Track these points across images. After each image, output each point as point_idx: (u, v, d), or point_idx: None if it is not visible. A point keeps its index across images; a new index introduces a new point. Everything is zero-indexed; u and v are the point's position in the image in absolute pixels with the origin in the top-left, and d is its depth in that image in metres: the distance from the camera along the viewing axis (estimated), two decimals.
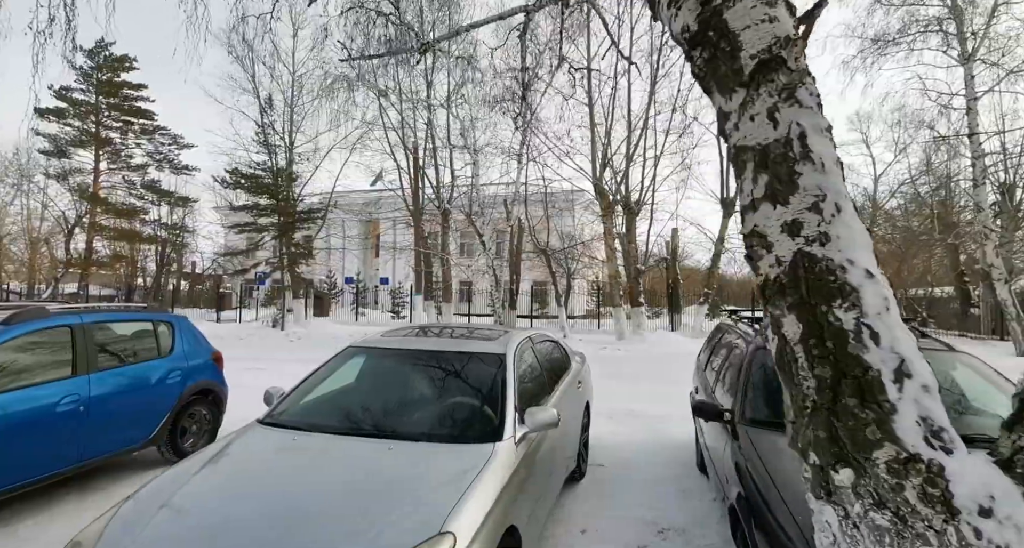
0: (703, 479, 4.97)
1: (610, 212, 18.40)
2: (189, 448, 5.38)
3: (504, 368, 3.35)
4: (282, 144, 22.90)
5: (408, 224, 26.01)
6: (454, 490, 2.28)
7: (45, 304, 5.00)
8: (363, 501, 2.26)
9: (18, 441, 3.86)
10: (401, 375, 3.48)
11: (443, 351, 3.62)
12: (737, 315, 5.42)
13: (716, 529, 3.88)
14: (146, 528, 2.15)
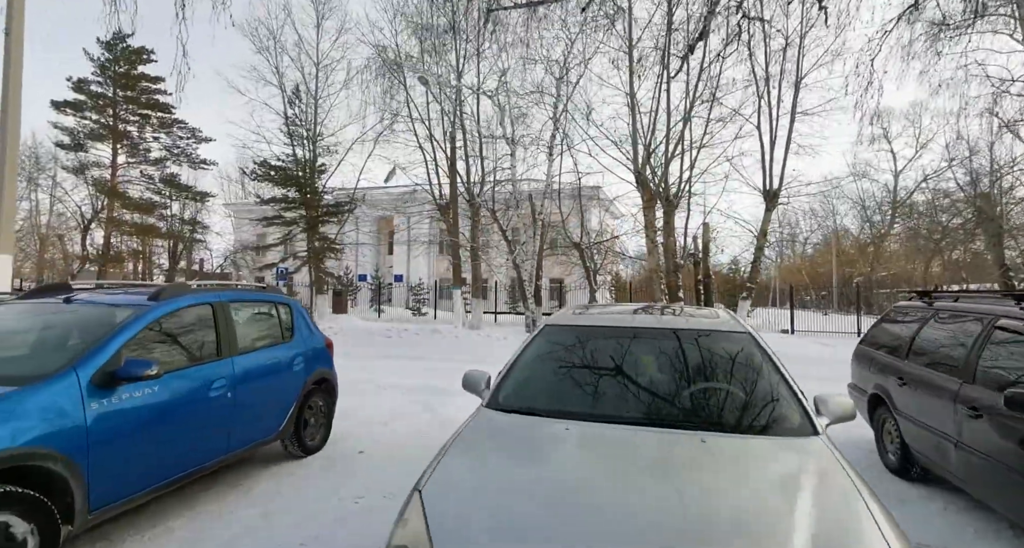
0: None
1: (652, 204, 17.98)
2: (310, 442, 4.97)
3: (761, 347, 2.93)
4: (308, 136, 22.46)
5: (434, 219, 25.61)
6: (850, 498, 1.90)
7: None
8: (766, 503, 1.90)
9: (177, 427, 3.45)
10: (633, 356, 3.04)
11: (677, 329, 3.16)
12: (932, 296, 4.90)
13: None
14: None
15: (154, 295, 3.66)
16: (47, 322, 3.54)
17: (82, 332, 3.31)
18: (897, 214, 36.43)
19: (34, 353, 3.30)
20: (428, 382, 8.25)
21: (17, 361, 3.18)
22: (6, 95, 8.47)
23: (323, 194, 21.87)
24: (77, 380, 2.89)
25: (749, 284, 18.62)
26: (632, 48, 18.03)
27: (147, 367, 3.06)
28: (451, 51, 20.40)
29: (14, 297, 5.27)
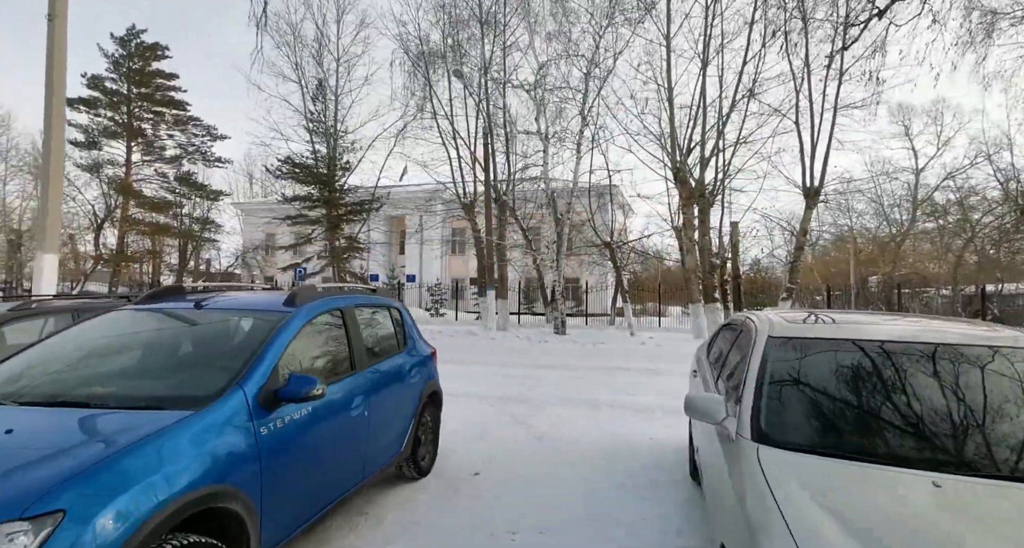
0: None
1: (691, 202, 17.48)
2: (423, 462, 4.47)
3: None
4: (330, 133, 21.98)
5: (457, 217, 25.09)
6: None
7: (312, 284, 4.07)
8: None
9: (328, 452, 2.98)
10: (926, 380, 2.43)
11: (972, 345, 2.53)
12: None
13: None
14: None
15: (289, 300, 3.17)
16: (186, 332, 3.07)
17: (230, 344, 2.84)
18: (921, 212, 35.88)
19: (186, 369, 2.83)
20: (503, 391, 7.76)
21: (171, 379, 2.71)
22: (51, 89, 7.99)
23: (347, 192, 21.35)
24: (245, 401, 2.41)
25: (790, 284, 18.10)
26: (669, 39, 17.54)
27: (313, 385, 2.57)
28: (478, 45, 19.95)
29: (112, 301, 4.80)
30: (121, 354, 2.94)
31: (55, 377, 2.68)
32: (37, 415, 2.24)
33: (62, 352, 2.90)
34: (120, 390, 2.53)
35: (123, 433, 2.00)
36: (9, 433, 2.02)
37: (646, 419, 6.33)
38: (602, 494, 4.07)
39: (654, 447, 5.26)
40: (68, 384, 2.59)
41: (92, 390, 2.52)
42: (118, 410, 2.26)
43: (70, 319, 4.61)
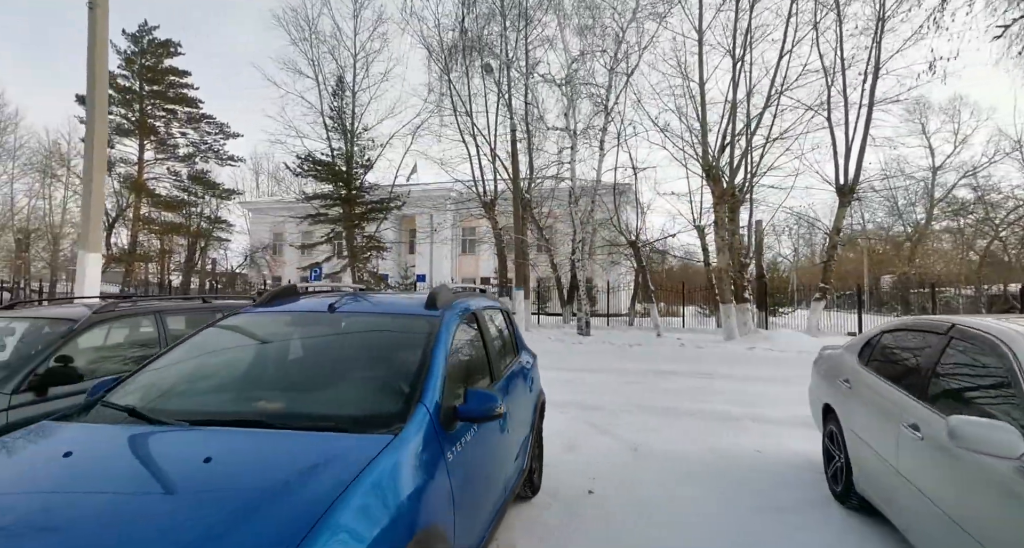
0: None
1: (723, 200, 17.07)
2: (536, 480, 4.07)
3: None
4: (348, 129, 21.57)
5: (470, 216, 24.70)
6: None
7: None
8: None
9: (488, 475, 2.62)
10: None
11: None
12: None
13: None
14: None
15: (430, 303, 2.77)
16: (332, 340, 2.71)
17: (387, 353, 2.48)
18: (940, 211, 35.45)
19: (352, 382, 2.44)
20: (565, 396, 7.34)
21: (341, 395, 2.33)
22: (92, 82, 7.61)
23: (366, 191, 20.93)
24: (431, 422, 2.03)
25: (823, 284, 17.65)
26: (702, 33, 17.12)
27: (495, 402, 2.19)
28: (499, 41, 19.55)
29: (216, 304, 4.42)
30: (271, 364, 2.58)
31: (213, 391, 2.37)
32: (224, 437, 1.87)
33: (208, 362, 2.58)
34: (290, 407, 2.17)
35: (333, 464, 1.64)
36: (208, 462, 1.64)
37: (738, 430, 5.91)
38: (743, 519, 3.65)
39: (766, 462, 4.83)
40: (232, 399, 2.28)
41: (260, 406, 2.17)
42: (305, 432, 1.89)
43: (154, 322, 4.23)
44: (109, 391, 2.34)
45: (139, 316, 4.22)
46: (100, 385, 2.47)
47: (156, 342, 4.22)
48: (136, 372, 2.49)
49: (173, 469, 1.69)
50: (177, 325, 4.51)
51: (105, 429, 1.99)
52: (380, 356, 2.49)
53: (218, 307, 5.08)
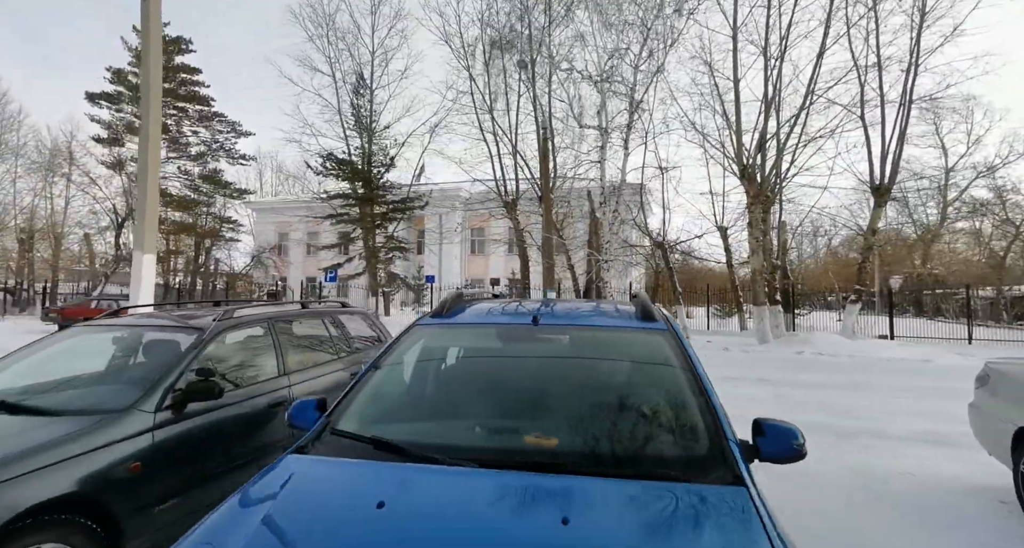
0: None
1: (758, 200, 16.75)
2: None
3: None
4: (369, 127, 21.14)
5: (477, 216, 24.32)
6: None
7: None
8: None
9: None
10: None
11: None
12: None
13: None
14: None
15: (645, 313, 2.43)
16: (565, 361, 2.33)
17: (641, 377, 2.15)
18: (955, 211, 35.24)
19: (622, 416, 2.04)
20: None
21: (622, 433, 1.94)
22: (147, 81, 7.20)
23: (388, 190, 20.51)
24: (746, 465, 1.71)
25: (858, 286, 17.33)
26: (736, 30, 16.78)
27: (796, 437, 1.82)
28: (524, 38, 19.18)
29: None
30: (510, 389, 2.20)
31: (459, 419, 2.06)
32: (554, 487, 1.54)
33: (425, 383, 2.28)
34: (585, 445, 1.86)
35: (727, 521, 1.38)
36: (567, 525, 1.33)
37: (860, 446, 5.39)
38: None
39: (929, 488, 4.25)
40: (497, 433, 1.97)
41: (548, 444, 1.84)
42: (643, 481, 1.58)
43: (267, 329, 3.84)
44: (330, 415, 2.00)
45: (254, 324, 3.82)
46: (301, 407, 2.15)
47: (271, 350, 3.83)
48: (348, 393, 2.13)
49: (535, 537, 1.31)
50: (287, 332, 4.12)
51: (388, 470, 1.66)
52: (636, 380, 2.14)
53: (320, 312, 4.71)
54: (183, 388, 2.93)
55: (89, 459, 2.44)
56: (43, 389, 3.11)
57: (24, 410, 2.70)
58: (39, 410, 2.70)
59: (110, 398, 2.90)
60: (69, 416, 2.63)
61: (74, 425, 2.54)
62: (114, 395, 2.95)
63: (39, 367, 3.35)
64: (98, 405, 2.78)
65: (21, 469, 2.21)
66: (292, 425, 2.12)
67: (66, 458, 2.37)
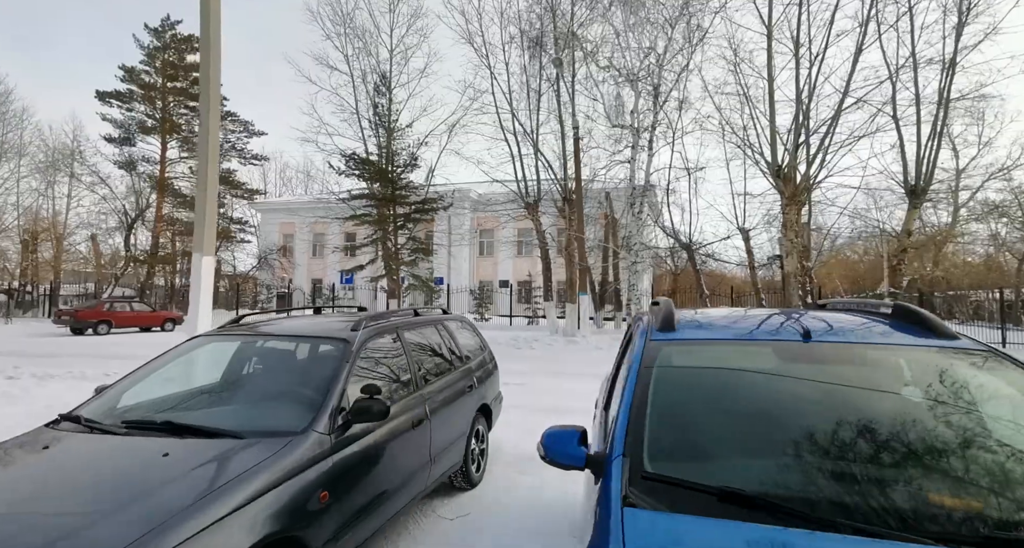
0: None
1: (794, 201, 16.46)
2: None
3: None
4: (390, 127, 20.77)
5: (486, 217, 23.97)
6: None
7: None
8: None
9: None
10: None
11: None
12: None
13: None
14: None
15: (927, 325, 2.12)
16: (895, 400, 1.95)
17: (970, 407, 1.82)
18: (967, 212, 34.98)
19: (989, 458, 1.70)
20: None
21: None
22: (206, 77, 6.85)
23: (412, 190, 20.11)
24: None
25: (892, 288, 17.10)
26: (771, 27, 16.51)
27: None
28: (549, 35, 18.86)
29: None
30: (843, 424, 1.81)
31: (800, 458, 1.68)
32: None
33: (726, 410, 1.91)
34: None
35: None
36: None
37: None
38: None
39: None
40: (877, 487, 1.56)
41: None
42: None
43: (396, 338, 3.51)
44: (627, 453, 1.63)
45: (386, 333, 3.47)
46: (560, 439, 1.78)
47: (403, 363, 3.49)
48: (629, 422, 1.76)
49: None
50: (413, 342, 3.78)
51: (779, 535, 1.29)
52: (985, 420, 1.76)
53: (433, 319, 4.37)
54: (349, 407, 2.61)
55: (283, 491, 2.11)
56: (195, 405, 2.77)
57: (191, 431, 2.36)
58: (208, 431, 2.36)
59: (280, 418, 2.56)
60: (246, 439, 2.29)
61: (259, 451, 2.21)
62: (282, 414, 2.61)
63: (175, 380, 3.02)
64: (272, 426, 2.44)
65: (220, 510, 1.86)
66: (552, 460, 1.78)
67: (262, 491, 2.03)
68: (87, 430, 2.45)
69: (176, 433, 2.34)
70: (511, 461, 4.93)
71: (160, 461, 2.11)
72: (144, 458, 2.16)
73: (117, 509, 1.78)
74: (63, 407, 6.25)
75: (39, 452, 2.28)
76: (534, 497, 4.09)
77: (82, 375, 8.40)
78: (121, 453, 2.24)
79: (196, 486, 1.92)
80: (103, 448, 2.29)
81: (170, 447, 2.21)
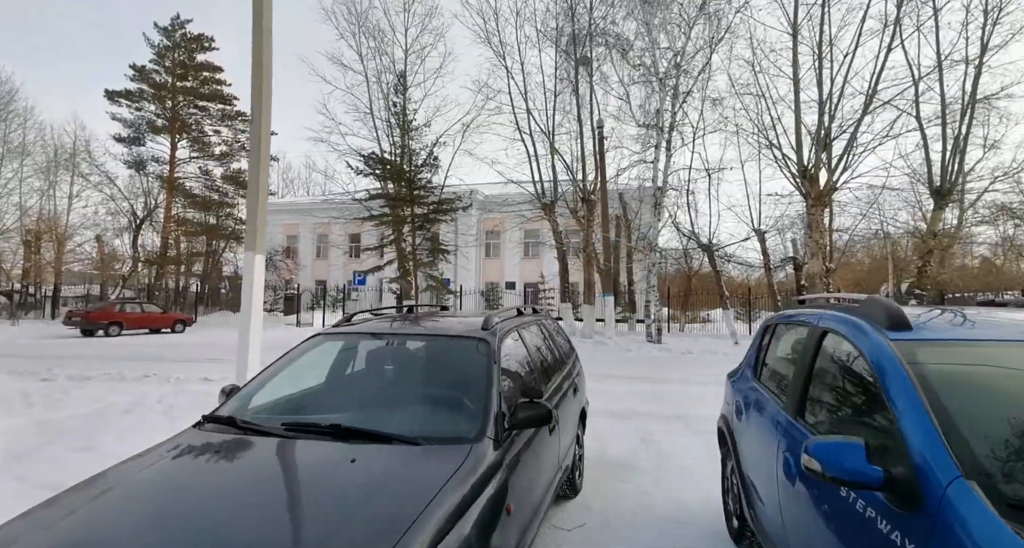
0: None
1: (820, 202, 16.31)
2: None
3: None
4: (406, 126, 20.55)
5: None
6: None
7: None
8: None
9: None
10: None
11: None
12: None
13: None
14: None
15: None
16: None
17: None
18: (975, 213, 34.94)
19: None
20: None
21: None
22: (258, 73, 6.62)
23: (432, 190, 19.87)
24: None
25: (919, 290, 16.94)
26: (796, 27, 16.37)
27: None
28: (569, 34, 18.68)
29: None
30: None
31: None
32: None
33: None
34: None
35: None
36: None
37: None
38: None
39: None
40: None
41: None
42: None
43: (517, 339, 3.29)
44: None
45: (512, 332, 3.25)
46: (843, 451, 1.55)
47: (526, 364, 3.27)
48: (976, 430, 1.52)
49: None
50: (530, 342, 3.56)
51: None
52: None
53: (536, 319, 4.15)
54: (513, 412, 2.38)
55: (481, 502, 1.90)
56: (343, 406, 2.55)
57: (360, 435, 2.14)
58: (380, 436, 2.14)
59: (447, 423, 2.34)
60: (422, 446, 2.08)
61: (443, 459, 1.99)
62: (447, 419, 2.39)
63: (305, 379, 2.80)
64: (443, 432, 2.23)
65: (441, 522, 1.65)
66: (837, 478, 1.54)
67: (467, 503, 1.82)
68: (239, 432, 2.24)
69: (340, 437, 2.12)
70: (601, 467, 4.72)
71: (352, 468, 1.90)
72: (335, 464, 1.95)
73: (345, 517, 1.59)
74: (110, 408, 5.98)
75: (222, 456, 2.08)
76: (643, 508, 3.86)
77: (120, 376, 8.13)
78: (308, 458, 2.04)
79: (408, 496, 1.71)
80: (288, 452, 2.09)
81: (352, 453, 2.00)
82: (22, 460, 4.43)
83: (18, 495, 3.87)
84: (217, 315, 27.71)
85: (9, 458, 4.43)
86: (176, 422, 5.67)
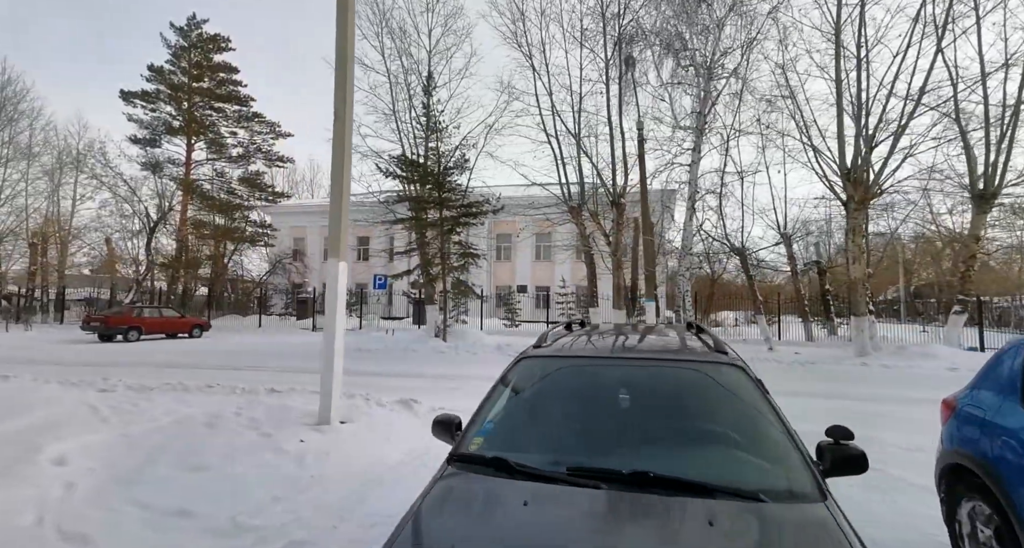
0: None
1: (863, 206, 16.01)
2: None
3: None
4: (435, 129, 20.18)
5: (500, 221, 23.41)
6: None
7: None
8: None
9: None
10: None
11: None
12: None
13: None
14: None
15: None
16: None
17: None
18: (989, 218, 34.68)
19: None
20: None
21: None
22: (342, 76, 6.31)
23: (463, 194, 19.51)
24: None
25: (962, 295, 16.60)
26: (839, 27, 16.08)
27: None
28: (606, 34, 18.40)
29: None
30: None
31: None
32: None
33: None
34: None
35: None
36: None
37: None
38: None
39: None
40: None
41: None
42: None
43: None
44: None
45: None
46: None
47: None
48: None
49: None
50: None
51: None
52: None
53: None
54: (823, 457, 2.02)
55: None
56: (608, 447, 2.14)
57: (677, 485, 1.75)
58: (709, 488, 1.75)
59: (771, 474, 1.93)
60: (768, 504, 1.71)
61: (800, 522, 1.65)
62: (767, 469, 1.97)
63: (537, 409, 2.43)
64: (778, 486, 1.83)
65: None
66: None
67: None
68: (505, 476, 1.86)
69: (645, 486, 1.75)
70: None
71: (712, 532, 1.54)
72: (692, 529, 1.58)
73: None
74: (188, 420, 5.56)
75: (535, 509, 1.70)
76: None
77: (182, 386, 7.73)
78: (652, 518, 1.66)
79: None
80: (623, 506, 1.71)
81: (701, 511, 1.63)
82: (134, 483, 4.02)
83: (148, 525, 3.49)
84: (227, 319, 27.19)
85: (118, 481, 4.04)
86: (269, 439, 5.27)
